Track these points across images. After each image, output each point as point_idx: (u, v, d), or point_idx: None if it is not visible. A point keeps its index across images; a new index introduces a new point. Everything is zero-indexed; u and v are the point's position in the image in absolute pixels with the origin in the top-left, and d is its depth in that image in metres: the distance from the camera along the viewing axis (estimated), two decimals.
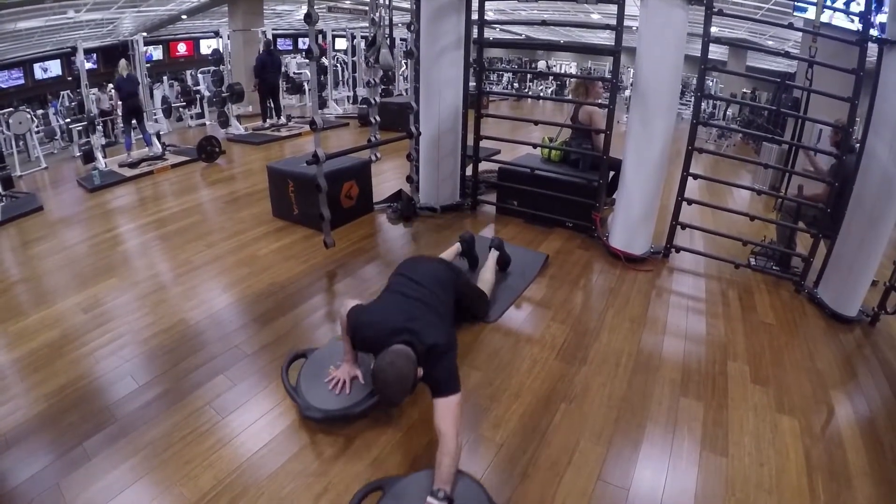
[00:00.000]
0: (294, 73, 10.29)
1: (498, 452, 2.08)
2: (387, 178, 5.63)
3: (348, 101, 11.27)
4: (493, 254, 3.36)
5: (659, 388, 2.48)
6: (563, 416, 2.28)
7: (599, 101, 4.38)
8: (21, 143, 7.49)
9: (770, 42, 13.46)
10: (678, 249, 3.83)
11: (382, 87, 10.16)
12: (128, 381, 2.46)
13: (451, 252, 3.33)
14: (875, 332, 3.10)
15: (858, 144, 3.05)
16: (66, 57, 14.18)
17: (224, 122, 8.26)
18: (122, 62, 6.91)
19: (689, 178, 3.63)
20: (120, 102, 6.81)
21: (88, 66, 8.77)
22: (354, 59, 11.39)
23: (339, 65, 11.45)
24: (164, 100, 7.84)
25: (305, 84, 10.26)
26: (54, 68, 14.96)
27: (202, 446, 2.07)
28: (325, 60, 10.29)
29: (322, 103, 9.85)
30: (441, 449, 1.79)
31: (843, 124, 3.26)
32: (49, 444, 2.09)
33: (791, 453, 2.12)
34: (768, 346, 2.86)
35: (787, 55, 3.30)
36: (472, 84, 4.58)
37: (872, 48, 2.95)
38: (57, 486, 1.90)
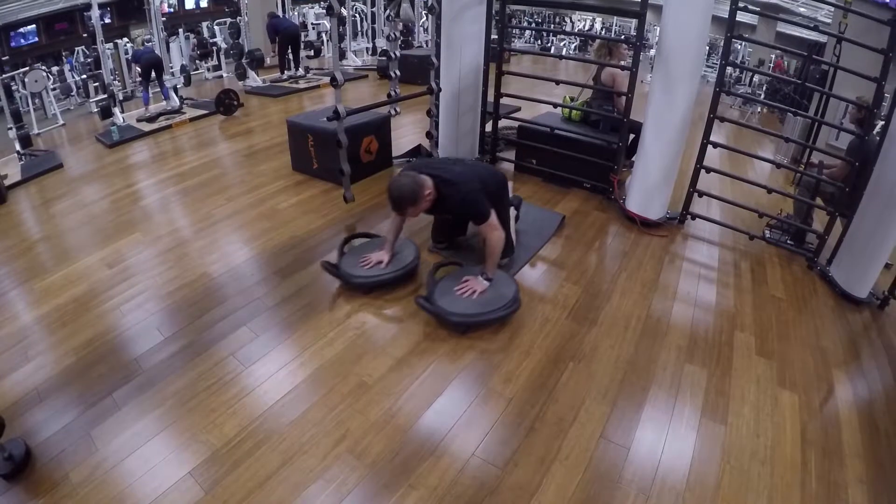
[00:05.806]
0: (312, 23, 10.06)
1: (507, 406, 2.17)
2: (406, 133, 5.59)
3: (367, 52, 11.05)
4: (513, 212, 3.34)
5: (665, 353, 2.53)
6: (571, 375, 2.36)
7: (623, 62, 4.29)
8: (37, 100, 7.39)
9: (802, 10, 12.81)
10: (694, 216, 3.82)
11: (402, 38, 9.95)
12: (154, 333, 2.55)
13: None
14: (883, 315, 3.06)
15: (882, 124, 2.96)
16: (80, 12, 13.85)
17: (241, 75, 8.19)
18: (139, 32, 6.72)
19: (709, 147, 3.59)
20: (139, 69, 6.70)
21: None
22: (373, 9, 11.12)
23: (357, 15, 11.19)
24: (183, 68, 7.72)
25: (324, 35, 10.07)
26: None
27: (226, 395, 2.18)
28: (343, 11, 10.03)
29: (341, 55, 9.69)
30: (486, 251, 2.67)
31: (865, 102, 3.16)
32: (79, 395, 2.18)
33: (788, 427, 2.17)
34: (776, 320, 2.88)
35: (816, 28, 3.17)
36: (493, 37, 4.47)
37: None
38: (88, 434, 1.99)
